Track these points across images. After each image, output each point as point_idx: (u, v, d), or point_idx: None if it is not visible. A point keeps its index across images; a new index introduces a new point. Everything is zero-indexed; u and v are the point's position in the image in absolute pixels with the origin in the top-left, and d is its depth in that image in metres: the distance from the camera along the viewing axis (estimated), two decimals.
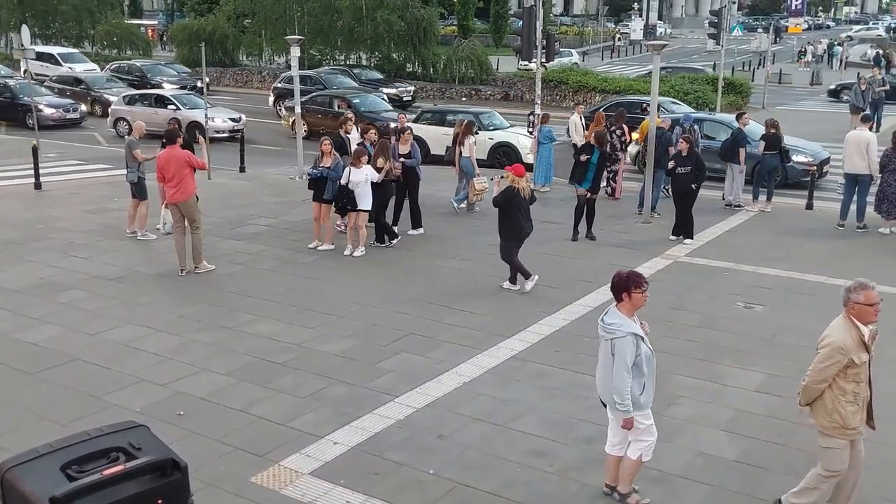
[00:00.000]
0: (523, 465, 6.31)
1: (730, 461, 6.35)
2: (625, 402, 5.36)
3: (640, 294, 5.42)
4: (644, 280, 5.48)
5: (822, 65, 47.56)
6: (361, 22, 36.55)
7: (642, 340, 5.37)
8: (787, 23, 62.57)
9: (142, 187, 12.70)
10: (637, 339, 5.34)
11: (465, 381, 7.78)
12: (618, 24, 75.26)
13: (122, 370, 7.96)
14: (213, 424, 6.89)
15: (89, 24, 47.55)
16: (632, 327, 5.37)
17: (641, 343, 5.36)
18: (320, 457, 6.38)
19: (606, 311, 5.53)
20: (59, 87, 29.37)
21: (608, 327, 5.42)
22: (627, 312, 5.46)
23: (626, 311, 5.46)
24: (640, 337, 5.37)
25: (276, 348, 8.52)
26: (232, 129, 23.83)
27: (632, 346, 5.32)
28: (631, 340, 5.32)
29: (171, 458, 3.96)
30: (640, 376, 5.39)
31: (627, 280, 5.45)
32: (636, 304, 5.46)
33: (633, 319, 5.47)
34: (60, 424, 6.68)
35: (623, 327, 5.35)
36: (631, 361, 5.32)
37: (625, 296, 5.44)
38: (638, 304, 5.46)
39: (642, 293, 5.42)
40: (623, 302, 5.45)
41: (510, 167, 10.35)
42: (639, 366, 5.36)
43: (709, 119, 18.93)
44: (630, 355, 5.31)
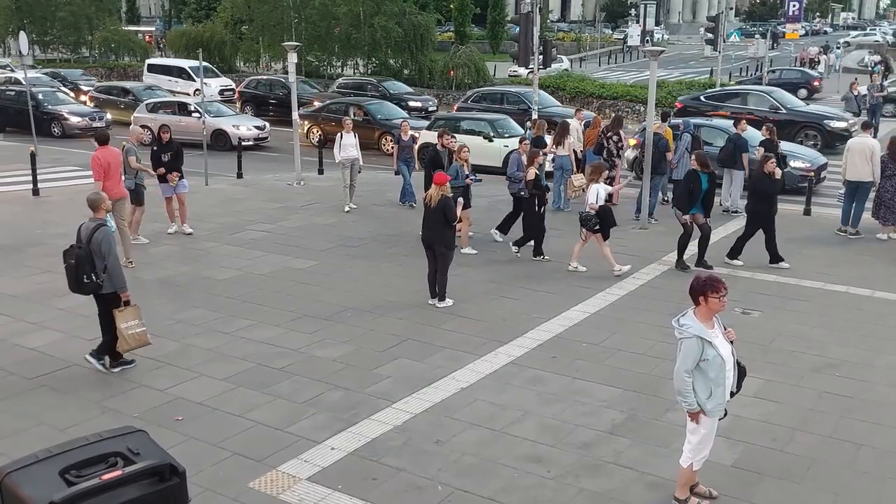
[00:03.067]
0: (520, 470, 6.33)
1: (727, 467, 6.37)
2: (688, 399, 5.38)
3: (718, 299, 5.33)
4: (722, 285, 5.37)
5: None
6: (359, 28, 36.70)
7: (710, 345, 5.30)
8: (784, 29, 62.87)
9: (139, 194, 12.72)
10: (703, 343, 5.29)
11: (462, 386, 7.81)
12: (614, 31, 75.47)
13: (120, 375, 7.97)
14: (211, 430, 6.90)
15: (87, 30, 47.65)
16: (700, 330, 5.32)
17: (709, 348, 5.30)
18: (318, 462, 6.39)
19: (684, 313, 5.48)
20: (104, 98, 29.07)
21: (680, 328, 5.39)
22: (703, 316, 5.39)
23: (701, 316, 5.39)
24: (708, 341, 5.30)
25: (274, 354, 8.54)
26: (257, 137, 23.89)
27: (696, 349, 5.29)
28: (696, 343, 5.29)
29: (169, 463, 3.98)
30: (705, 380, 5.37)
31: (705, 284, 5.37)
32: (713, 309, 5.38)
33: (710, 324, 5.40)
34: (59, 430, 6.70)
35: (691, 329, 5.32)
36: (692, 364, 5.31)
37: (701, 299, 5.37)
38: (715, 309, 5.38)
39: (719, 298, 5.33)
40: (700, 306, 5.39)
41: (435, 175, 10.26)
42: (704, 370, 5.33)
43: (706, 125, 18.99)
44: (692, 358, 5.30)
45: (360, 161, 15.61)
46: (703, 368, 5.34)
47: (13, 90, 26.69)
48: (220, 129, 23.20)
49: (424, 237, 10.14)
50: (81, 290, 7.76)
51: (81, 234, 7.88)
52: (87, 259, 7.62)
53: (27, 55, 21.77)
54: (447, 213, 9.82)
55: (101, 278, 7.70)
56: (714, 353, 5.32)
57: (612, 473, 6.31)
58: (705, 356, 5.30)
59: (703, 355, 5.30)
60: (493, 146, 19.66)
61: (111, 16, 51.31)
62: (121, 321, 7.77)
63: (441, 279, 10.03)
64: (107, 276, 7.73)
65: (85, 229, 7.87)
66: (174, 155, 13.29)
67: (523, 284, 10.91)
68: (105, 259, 7.70)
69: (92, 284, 7.67)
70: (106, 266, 7.71)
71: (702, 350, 5.29)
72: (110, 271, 7.73)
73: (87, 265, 7.62)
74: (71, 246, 7.80)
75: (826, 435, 6.89)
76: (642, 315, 9.82)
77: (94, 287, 7.72)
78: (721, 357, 5.35)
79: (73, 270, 7.68)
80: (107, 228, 7.96)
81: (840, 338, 9.14)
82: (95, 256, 7.68)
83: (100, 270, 7.69)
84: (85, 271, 7.62)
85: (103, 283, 7.73)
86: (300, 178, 18.01)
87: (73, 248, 7.74)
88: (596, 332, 9.26)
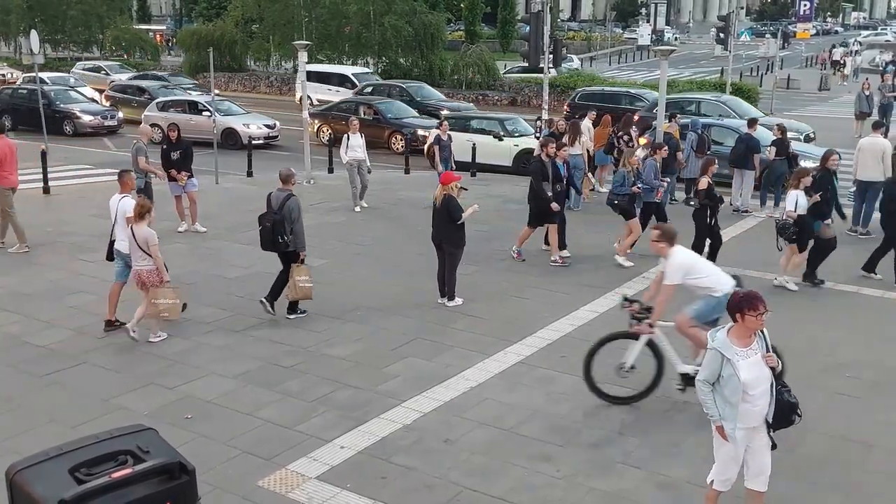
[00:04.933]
0: (530, 469, 6.31)
1: None
2: (709, 410, 5.14)
3: (755, 317, 4.97)
4: (761, 302, 5.00)
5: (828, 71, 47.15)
6: (369, 27, 36.71)
7: (729, 363, 4.98)
8: (795, 28, 62.56)
9: (148, 192, 12.75)
10: (723, 361, 5.00)
11: (472, 385, 7.79)
12: (625, 30, 75.26)
13: (130, 373, 7.99)
14: (220, 428, 6.91)
15: (98, 29, 47.80)
16: (723, 346, 5.01)
17: (727, 366, 4.99)
18: (327, 461, 6.39)
19: (723, 326, 5.21)
20: (120, 97, 29.14)
21: (710, 338, 5.17)
22: (738, 334, 5.05)
23: (737, 333, 5.06)
24: (728, 359, 4.99)
25: (284, 352, 8.54)
26: (267, 135, 23.93)
27: (713, 362, 5.03)
28: (714, 356, 5.03)
29: (178, 462, 3.98)
30: (721, 398, 5.08)
31: (741, 302, 5.04)
32: (750, 327, 5.02)
33: (746, 342, 5.05)
34: (69, 427, 6.71)
35: (716, 343, 5.06)
36: (709, 375, 5.07)
37: (738, 317, 5.03)
38: (752, 328, 5.03)
39: (756, 316, 4.97)
40: (738, 323, 5.05)
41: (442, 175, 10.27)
42: (721, 387, 5.05)
43: (716, 124, 18.90)
44: (709, 370, 5.06)
45: (367, 162, 15.53)
46: (720, 384, 5.09)
47: (25, 89, 26.80)
48: (231, 127, 23.25)
49: (433, 236, 10.14)
50: (275, 248, 9.34)
51: (272, 202, 9.35)
52: (280, 223, 9.16)
53: (38, 53, 21.84)
54: (452, 213, 9.77)
55: (289, 238, 9.18)
56: (731, 372, 5.00)
57: (621, 473, 6.28)
58: (723, 373, 5.05)
59: (721, 371, 5.05)
60: (503, 145, 19.63)
61: (122, 14, 51.45)
62: (297, 275, 9.34)
63: (450, 278, 10.01)
64: (292, 237, 9.18)
65: (275, 198, 9.35)
66: (183, 154, 13.33)
67: (533, 284, 10.88)
68: (292, 223, 9.21)
69: (283, 243, 9.21)
70: (292, 229, 9.21)
71: (720, 366, 5.04)
72: (296, 233, 9.26)
73: (280, 228, 9.16)
74: (265, 212, 9.33)
75: (837, 435, 6.84)
76: None
77: (284, 246, 9.24)
78: (738, 378, 4.98)
79: (268, 232, 9.24)
80: (296, 198, 9.40)
81: (851, 338, 9.08)
82: (286, 221, 9.16)
83: (288, 232, 9.15)
84: (278, 232, 9.17)
85: (290, 243, 9.17)
86: (310, 176, 18.02)
87: (268, 214, 9.29)
88: (605, 331, 9.19)
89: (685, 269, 7.12)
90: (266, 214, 9.35)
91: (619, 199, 11.75)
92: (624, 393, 7.40)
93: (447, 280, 10.02)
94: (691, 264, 7.22)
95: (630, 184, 11.76)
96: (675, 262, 7.13)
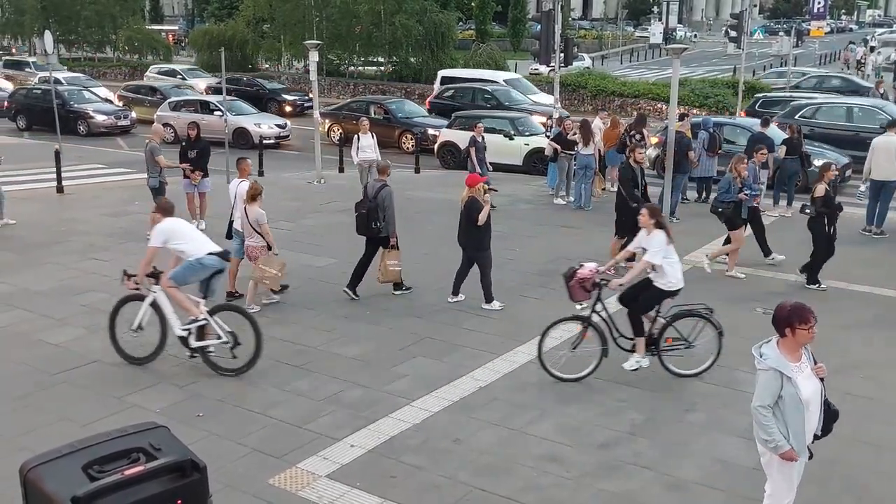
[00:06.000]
0: (539, 470, 6.33)
1: (748, 468, 6.32)
2: (771, 437, 4.81)
3: (806, 330, 4.77)
4: (812, 315, 4.79)
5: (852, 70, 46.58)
6: (379, 27, 36.73)
7: (789, 381, 4.77)
8: (808, 26, 62.20)
9: (162, 192, 12.83)
10: (783, 379, 4.76)
11: (481, 385, 7.81)
12: (636, 28, 74.98)
13: (141, 371, 8.06)
14: (231, 426, 6.96)
15: (111, 29, 48.07)
16: (780, 364, 4.79)
17: (788, 384, 4.76)
18: (337, 459, 6.43)
19: (767, 341, 4.96)
20: (132, 97, 29.38)
21: (759, 358, 4.89)
22: (788, 349, 4.85)
23: (786, 347, 4.85)
24: (788, 377, 4.77)
25: (293, 351, 8.59)
26: (278, 135, 24.02)
27: (773, 383, 4.77)
28: (773, 376, 4.77)
29: (190, 459, 4.01)
30: (782, 422, 4.83)
31: (791, 315, 4.80)
32: (800, 341, 4.82)
33: (796, 356, 4.88)
34: (81, 425, 6.78)
35: (769, 361, 4.81)
36: (769, 399, 4.79)
37: (787, 331, 4.80)
38: (802, 342, 4.82)
39: (808, 329, 4.77)
40: (786, 337, 4.83)
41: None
42: (780, 407, 4.80)
43: (729, 123, 18.82)
44: (769, 392, 4.78)
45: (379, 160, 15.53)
46: (780, 406, 4.82)
47: (40, 88, 27.01)
48: (242, 127, 23.38)
49: (458, 238, 10.14)
50: (369, 233, 10.15)
51: (369, 191, 10.22)
52: (374, 210, 9.97)
53: (52, 53, 22.01)
54: (471, 216, 9.73)
55: (381, 225, 9.99)
56: (792, 390, 4.77)
57: (631, 474, 6.29)
58: (782, 393, 4.78)
59: (780, 391, 4.79)
60: (514, 144, 19.63)
61: (135, 15, 51.73)
62: (388, 258, 10.19)
63: (483, 281, 9.90)
64: (384, 223, 10.01)
65: (371, 188, 10.24)
66: (200, 153, 13.42)
67: (543, 284, 10.88)
68: (385, 211, 9.99)
69: (375, 229, 10.01)
70: (384, 216, 9.98)
71: (780, 385, 4.78)
72: (388, 220, 10.07)
73: (374, 215, 9.98)
74: (361, 200, 10.17)
75: (848, 437, 6.81)
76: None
77: (377, 231, 10.03)
78: (799, 396, 4.79)
79: (364, 218, 10.07)
80: (389, 188, 10.13)
81: (863, 339, 9.04)
82: (379, 208, 9.96)
83: (381, 219, 9.98)
84: (373, 219, 9.99)
85: (382, 229, 9.97)
86: (321, 176, 18.08)
87: (364, 202, 10.11)
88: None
89: (166, 234, 7.97)
90: (362, 202, 10.12)
91: (725, 206, 11.06)
92: (140, 353, 8.16)
93: (482, 282, 9.91)
94: (172, 230, 8.03)
95: (736, 191, 11.05)
96: (157, 228, 8.03)
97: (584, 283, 7.87)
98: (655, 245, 7.75)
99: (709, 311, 7.87)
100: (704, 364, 7.94)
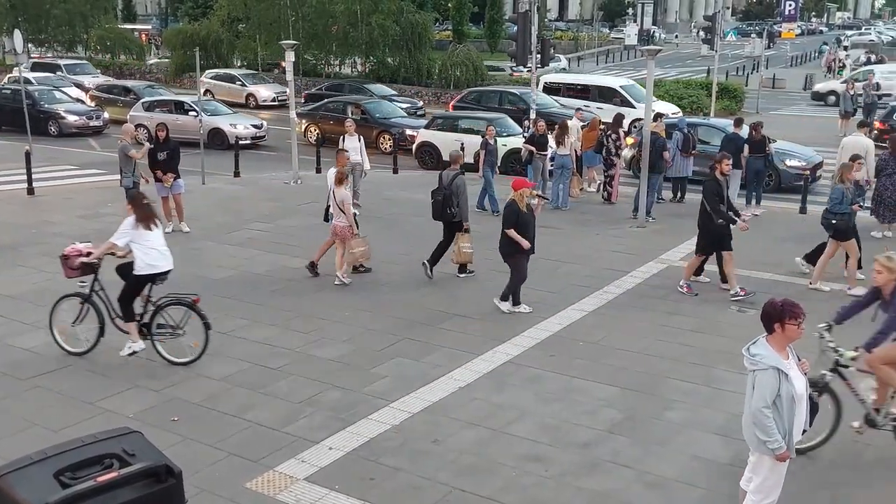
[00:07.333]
0: (519, 469, 6.31)
1: (723, 465, 6.36)
2: (772, 437, 4.80)
3: (796, 326, 4.83)
4: (801, 311, 4.86)
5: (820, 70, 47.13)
6: (356, 27, 36.60)
7: (786, 379, 4.79)
8: (780, 28, 63.08)
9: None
10: (780, 376, 4.78)
11: (460, 385, 7.78)
12: (612, 30, 75.50)
13: (115, 376, 7.93)
14: (207, 430, 6.87)
15: (82, 28, 47.43)
16: (777, 361, 4.81)
17: (785, 381, 4.79)
18: (315, 462, 6.37)
19: (755, 341, 4.98)
20: (105, 97, 28.90)
21: (752, 358, 4.89)
22: (778, 345, 4.88)
23: (776, 344, 4.88)
24: (785, 374, 4.80)
25: (271, 353, 8.51)
26: (254, 135, 23.81)
27: (772, 381, 4.78)
28: (773, 375, 4.78)
29: (165, 465, 3.96)
30: (777, 417, 4.83)
31: (782, 310, 4.85)
32: (790, 337, 4.88)
33: (785, 354, 4.91)
34: (53, 431, 6.66)
35: (766, 359, 4.82)
36: (770, 398, 4.78)
37: (777, 327, 4.86)
38: (792, 337, 4.88)
39: (797, 325, 4.84)
40: (775, 333, 4.88)
41: None
42: (777, 406, 4.80)
43: (703, 124, 18.98)
44: (770, 391, 4.77)
45: (364, 166, 15.25)
46: (776, 404, 4.81)
47: (9, 88, 26.59)
48: (217, 127, 23.16)
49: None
50: (443, 218, 10.98)
51: (443, 179, 10.98)
52: (449, 197, 10.81)
53: (22, 53, 21.66)
54: (504, 220, 9.62)
55: (455, 211, 10.81)
56: (788, 388, 4.79)
57: (610, 472, 6.29)
58: (780, 391, 4.79)
59: (779, 389, 4.79)
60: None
61: (106, 13, 51.02)
62: (461, 242, 10.93)
63: (509, 283, 9.76)
64: (458, 209, 10.78)
65: (445, 176, 11.01)
66: (171, 154, 13.25)
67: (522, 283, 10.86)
68: (459, 198, 10.78)
69: (450, 214, 10.84)
70: (458, 203, 10.77)
71: (779, 383, 4.78)
72: (461, 207, 10.87)
73: (449, 201, 10.81)
74: (437, 188, 10.98)
75: (847, 438, 6.83)
76: (640, 314, 9.81)
77: (451, 216, 10.87)
78: (795, 393, 4.83)
79: (439, 205, 10.92)
80: (462, 177, 11.01)
81: (841, 340, 9.10)
82: (454, 195, 10.77)
83: (455, 205, 10.78)
84: (448, 205, 10.82)
85: (456, 214, 10.77)
86: (297, 176, 17.97)
87: (439, 190, 10.92)
88: (594, 330, 9.24)
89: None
90: (438, 189, 10.91)
91: (839, 218, 10.54)
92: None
93: (508, 283, 9.76)
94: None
95: (849, 202, 10.53)
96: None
97: (70, 261, 8.17)
98: (122, 227, 8.03)
99: (193, 299, 8.08)
100: (195, 353, 8.13)
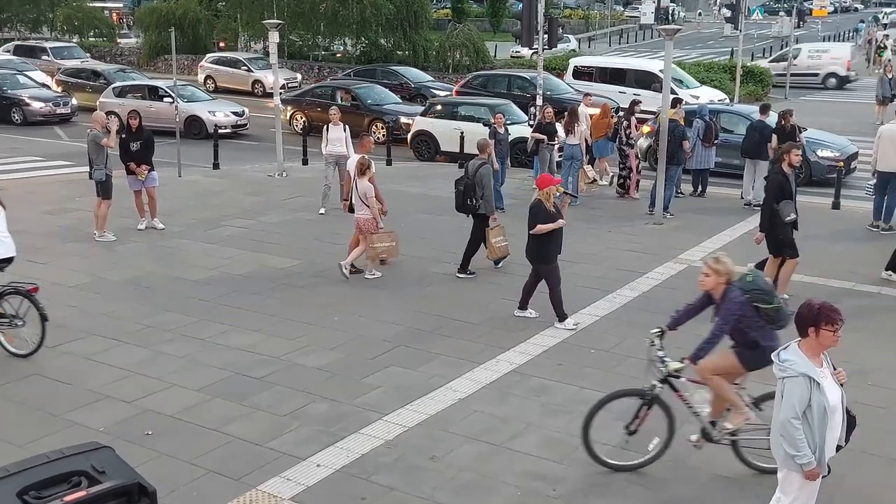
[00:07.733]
0: (523, 488, 6.34)
1: (747, 484, 6.38)
2: (801, 452, 4.79)
3: (832, 332, 4.81)
4: (839, 316, 4.83)
5: None
6: (346, 5, 36.57)
7: (818, 388, 4.78)
8: (811, 5, 62.94)
9: (107, 186, 12.71)
10: (811, 384, 4.76)
11: (459, 397, 7.81)
12: (626, 7, 75.46)
13: (84, 386, 7.96)
14: (184, 445, 6.89)
15: (48, 7, 47.43)
16: (808, 368, 4.79)
17: (817, 390, 4.77)
18: (302, 480, 6.39)
19: (786, 346, 4.99)
20: (73, 81, 28.87)
21: (781, 364, 4.87)
22: (810, 351, 4.87)
23: (808, 350, 4.87)
24: (817, 382, 4.78)
25: (253, 362, 8.53)
26: (235, 123, 23.86)
27: (802, 390, 4.76)
28: (803, 383, 4.76)
29: (137, 483, 3.98)
30: (807, 429, 4.81)
31: (818, 314, 4.82)
32: (824, 344, 4.87)
33: (818, 361, 4.90)
34: (17, 446, 6.68)
35: (796, 366, 4.80)
36: (800, 408, 4.76)
37: (811, 331, 4.83)
38: (826, 344, 4.87)
39: (834, 332, 4.81)
40: (808, 338, 4.87)
41: None
42: (807, 416, 4.79)
43: (726, 111, 19.00)
44: (799, 400, 4.75)
45: (350, 158, 15.18)
46: (806, 414, 4.79)
47: None
48: (195, 115, 23.20)
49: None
50: (465, 209, 11.14)
51: (469, 168, 11.14)
52: (471, 187, 10.92)
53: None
54: (532, 221, 9.34)
55: (478, 202, 10.94)
56: (820, 398, 4.77)
57: (623, 492, 6.32)
58: (811, 401, 4.77)
59: (809, 399, 4.77)
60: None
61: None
62: (491, 236, 11.15)
63: (552, 298, 9.48)
64: (483, 201, 10.94)
65: (472, 166, 11.14)
66: (144, 144, 13.25)
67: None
68: (483, 189, 10.91)
69: (472, 206, 10.98)
70: (483, 194, 10.91)
71: (808, 392, 4.76)
72: (486, 198, 10.99)
73: (471, 191, 10.92)
74: (460, 177, 11.16)
75: (857, 449, 6.88)
76: (656, 319, 9.74)
77: (473, 208, 11.01)
78: (827, 404, 4.80)
79: (461, 195, 11.03)
80: (488, 167, 11.19)
81: (872, 343, 9.15)
82: (477, 186, 10.89)
83: (478, 196, 10.90)
84: (469, 196, 10.93)
85: (479, 206, 10.92)
86: (282, 169, 18.00)
87: (462, 179, 11.06)
88: (606, 337, 9.27)
89: None
90: (461, 179, 11.05)
91: None
92: None
93: (550, 300, 9.48)
94: None
95: None
96: None
97: None
98: None
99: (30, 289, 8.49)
100: (33, 345, 8.49)
